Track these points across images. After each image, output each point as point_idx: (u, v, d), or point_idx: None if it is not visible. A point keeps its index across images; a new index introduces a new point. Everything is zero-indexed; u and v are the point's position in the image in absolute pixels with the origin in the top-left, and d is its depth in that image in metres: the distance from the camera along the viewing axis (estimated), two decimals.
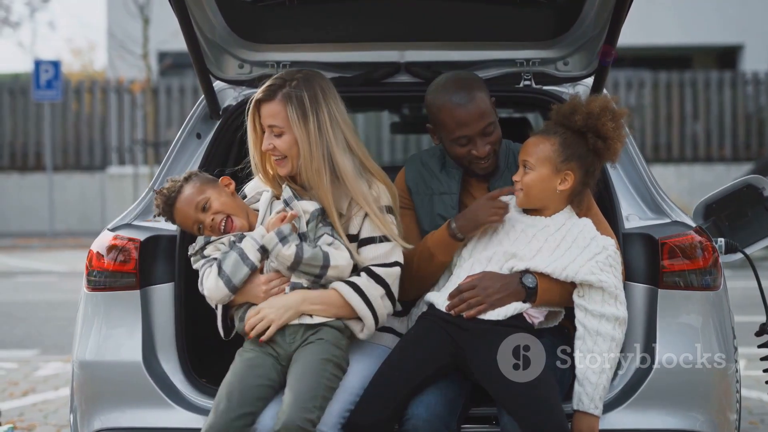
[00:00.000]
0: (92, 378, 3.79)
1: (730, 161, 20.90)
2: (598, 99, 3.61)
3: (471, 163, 3.76)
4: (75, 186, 20.72)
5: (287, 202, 3.62)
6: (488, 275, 3.55)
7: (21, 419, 6.31)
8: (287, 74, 3.65)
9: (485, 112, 3.69)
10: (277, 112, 3.59)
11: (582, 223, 3.59)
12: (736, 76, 21.45)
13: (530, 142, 3.61)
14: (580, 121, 3.55)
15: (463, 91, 3.69)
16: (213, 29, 4.12)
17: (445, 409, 3.45)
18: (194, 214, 3.63)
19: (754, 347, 4.20)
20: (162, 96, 21.13)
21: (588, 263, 3.50)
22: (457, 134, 3.70)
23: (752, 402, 6.46)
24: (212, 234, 3.63)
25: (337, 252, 3.56)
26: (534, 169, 3.56)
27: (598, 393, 3.48)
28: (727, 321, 3.80)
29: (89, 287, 3.84)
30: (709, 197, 4.27)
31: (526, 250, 3.56)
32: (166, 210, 3.67)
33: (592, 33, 4.10)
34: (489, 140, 3.72)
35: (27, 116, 21.26)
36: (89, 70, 30.91)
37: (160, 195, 3.67)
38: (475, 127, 3.68)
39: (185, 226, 3.69)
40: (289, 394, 3.40)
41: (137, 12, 19.63)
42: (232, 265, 3.54)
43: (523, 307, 3.51)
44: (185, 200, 3.64)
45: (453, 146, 3.74)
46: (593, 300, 3.51)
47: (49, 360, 8.23)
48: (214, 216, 3.62)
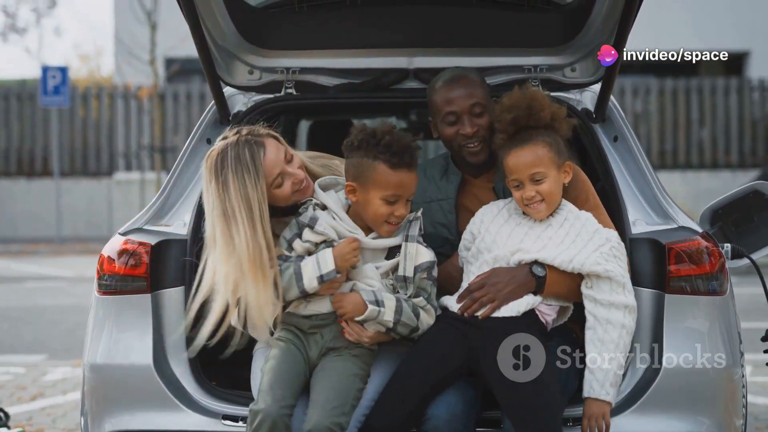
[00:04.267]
0: (103, 381, 3.82)
1: (737, 167, 20.88)
2: (521, 96, 3.64)
3: (461, 147, 3.81)
4: (82, 192, 20.76)
5: (408, 238, 3.56)
6: (495, 271, 3.57)
7: (30, 423, 6.34)
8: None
9: (473, 93, 3.79)
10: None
11: (584, 216, 3.62)
12: (743, 82, 21.44)
13: (526, 155, 3.57)
14: (547, 115, 3.61)
15: (455, 74, 3.85)
16: (223, 35, 4.15)
17: (464, 409, 3.47)
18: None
19: (760, 353, 4.21)
20: (169, 102, 21.16)
21: (593, 254, 3.52)
22: (444, 111, 3.79)
23: (758, 408, 6.46)
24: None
25: (427, 316, 3.56)
26: (547, 176, 3.57)
27: (609, 379, 3.47)
28: (734, 326, 3.82)
29: (100, 291, 3.86)
30: (716, 203, 4.29)
31: (532, 248, 3.58)
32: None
33: (599, 39, 4.12)
34: (477, 122, 3.78)
35: (34, 122, 21.30)
36: (96, 75, 30.97)
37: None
38: (461, 104, 3.77)
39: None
40: (318, 396, 3.43)
41: (145, 18, 19.69)
42: (287, 280, 3.52)
43: (535, 300, 3.53)
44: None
45: (442, 126, 3.83)
46: (601, 290, 3.52)
47: (58, 365, 8.25)
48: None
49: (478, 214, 3.74)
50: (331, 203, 3.60)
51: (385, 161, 3.46)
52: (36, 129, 21.30)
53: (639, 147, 4.15)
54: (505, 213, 3.69)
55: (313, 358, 3.56)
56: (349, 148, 3.54)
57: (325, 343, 3.56)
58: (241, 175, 3.56)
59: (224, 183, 3.56)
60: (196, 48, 3.96)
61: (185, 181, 4.12)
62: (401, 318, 3.49)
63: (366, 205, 3.51)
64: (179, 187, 4.10)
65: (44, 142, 21.16)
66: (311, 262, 3.50)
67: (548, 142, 3.59)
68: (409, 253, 3.54)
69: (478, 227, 3.69)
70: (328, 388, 3.44)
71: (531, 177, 3.56)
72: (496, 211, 3.71)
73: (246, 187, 3.55)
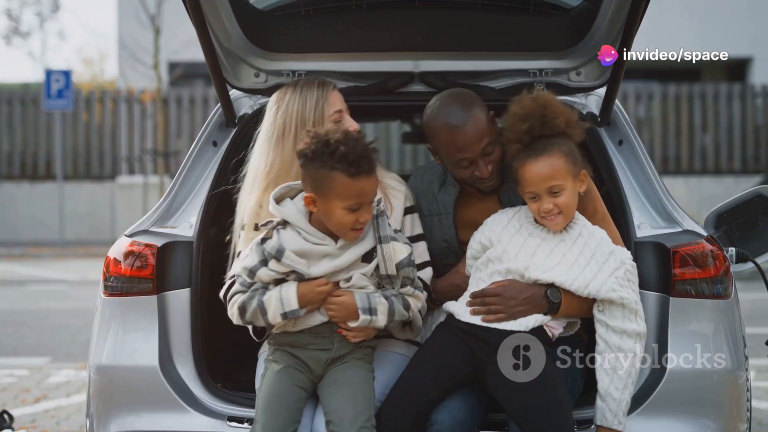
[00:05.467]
0: (109, 382, 3.82)
1: (739, 173, 20.89)
2: (534, 104, 3.56)
3: (475, 182, 3.75)
4: (85, 195, 20.79)
5: (381, 239, 3.44)
6: (514, 285, 3.52)
7: (34, 425, 6.36)
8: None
9: (483, 133, 3.66)
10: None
11: (599, 234, 3.57)
12: (746, 88, 21.46)
13: (543, 167, 3.50)
14: (562, 123, 3.54)
15: (459, 112, 3.66)
16: (229, 38, 4.16)
17: (468, 416, 3.47)
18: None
19: (763, 359, 4.21)
20: (172, 106, 21.19)
21: (609, 279, 3.49)
22: (458, 157, 3.69)
23: (762, 413, 6.46)
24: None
25: (416, 301, 3.52)
26: (564, 188, 3.52)
27: (622, 408, 3.47)
28: (738, 330, 3.82)
29: (106, 293, 3.86)
30: (720, 207, 4.28)
31: (545, 263, 3.54)
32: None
33: (605, 44, 4.12)
34: (490, 159, 3.69)
35: (38, 126, 21.35)
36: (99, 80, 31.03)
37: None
38: (475, 150, 3.66)
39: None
40: (342, 413, 3.35)
41: (148, 22, 19.72)
42: (251, 313, 3.42)
43: (544, 319, 3.51)
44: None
45: (456, 168, 3.73)
46: (614, 316, 3.50)
47: (61, 367, 8.27)
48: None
49: (487, 223, 3.68)
50: (293, 217, 3.43)
51: (343, 171, 3.31)
52: (39, 133, 21.35)
53: (644, 151, 4.15)
54: (515, 222, 3.63)
55: (317, 372, 3.48)
56: (304, 159, 3.37)
57: (329, 355, 3.47)
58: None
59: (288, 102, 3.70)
60: (203, 51, 3.96)
61: (191, 183, 4.12)
62: (394, 317, 3.45)
63: (329, 215, 3.37)
64: (185, 189, 4.11)
65: (47, 145, 21.21)
66: (275, 298, 3.38)
67: (564, 152, 3.53)
68: (387, 255, 3.44)
69: (488, 237, 3.63)
70: (348, 402, 3.37)
71: (549, 189, 3.50)
72: (506, 221, 3.65)
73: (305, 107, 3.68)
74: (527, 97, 3.59)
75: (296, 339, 3.48)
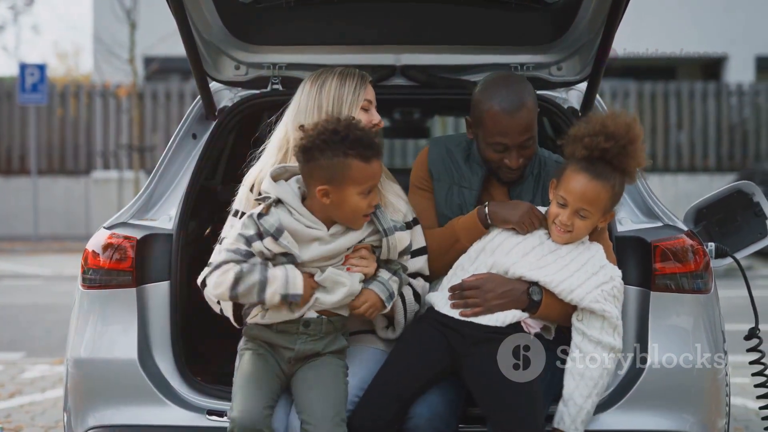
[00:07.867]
0: (87, 375, 3.79)
1: (714, 171, 21.00)
2: (625, 130, 3.50)
3: (499, 168, 3.73)
4: (60, 190, 20.65)
5: (387, 232, 3.48)
6: (493, 278, 3.54)
7: (8, 420, 6.30)
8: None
9: (529, 126, 3.64)
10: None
11: (594, 248, 3.59)
12: (720, 87, 21.57)
13: (591, 189, 3.48)
14: (633, 165, 3.52)
15: (514, 100, 3.62)
16: (210, 30, 4.14)
17: (447, 409, 3.47)
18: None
19: (739, 355, 4.22)
20: (148, 101, 21.08)
21: (594, 291, 3.49)
22: (496, 140, 3.65)
23: (737, 409, 6.49)
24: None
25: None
26: (591, 216, 3.52)
27: (581, 416, 3.47)
28: (718, 324, 3.84)
29: (84, 285, 3.84)
30: (700, 202, 4.30)
31: (535, 263, 3.55)
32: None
33: (586, 38, 4.14)
34: (524, 153, 3.68)
35: (12, 120, 21.18)
36: (74, 74, 30.83)
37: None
38: (515, 139, 3.64)
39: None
40: (313, 411, 3.36)
41: (124, 16, 19.61)
42: (247, 286, 3.33)
43: (522, 315, 3.51)
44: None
45: (487, 149, 3.70)
46: (592, 326, 3.51)
47: (36, 362, 8.21)
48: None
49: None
50: (288, 197, 3.42)
51: (357, 156, 3.34)
52: (13, 127, 21.18)
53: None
54: None
55: (284, 367, 3.47)
56: (311, 152, 3.34)
57: (291, 354, 3.46)
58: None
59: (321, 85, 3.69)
60: (183, 43, 3.94)
61: (170, 175, 4.11)
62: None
63: (342, 204, 3.38)
64: (164, 182, 4.09)
65: (22, 139, 21.05)
66: (281, 276, 3.34)
67: (616, 190, 3.52)
68: (392, 245, 3.48)
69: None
70: (320, 401, 3.37)
71: (578, 208, 3.50)
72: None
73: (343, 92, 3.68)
74: (624, 121, 3.51)
75: (263, 333, 3.48)
